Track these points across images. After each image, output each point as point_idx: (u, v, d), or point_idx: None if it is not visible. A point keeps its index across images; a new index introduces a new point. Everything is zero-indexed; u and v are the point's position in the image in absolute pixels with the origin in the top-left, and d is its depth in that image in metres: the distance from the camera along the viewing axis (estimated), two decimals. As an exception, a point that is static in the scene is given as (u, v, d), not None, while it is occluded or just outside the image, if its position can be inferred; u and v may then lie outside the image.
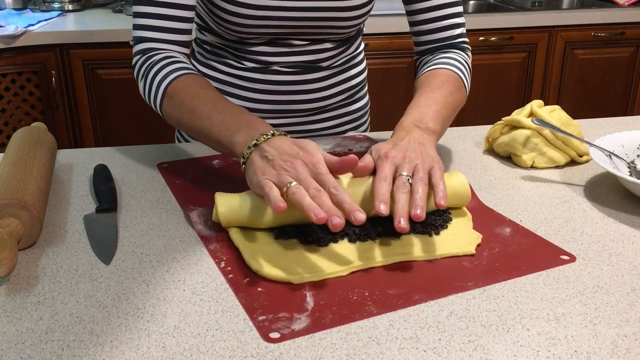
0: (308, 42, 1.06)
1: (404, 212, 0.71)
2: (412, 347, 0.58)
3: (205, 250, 0.75)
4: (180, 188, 0.90)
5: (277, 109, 1.10)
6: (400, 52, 2.40)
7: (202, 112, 0.85)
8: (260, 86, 1.08)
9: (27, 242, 0.74)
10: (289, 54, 1.06)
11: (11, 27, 2.09)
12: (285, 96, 1.09)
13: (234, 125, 0.81)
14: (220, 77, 1.10)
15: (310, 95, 1.10)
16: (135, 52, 0.97)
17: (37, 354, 0.57)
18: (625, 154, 0.96)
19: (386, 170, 0.76)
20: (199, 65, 1.13)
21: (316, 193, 0.69)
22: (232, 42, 1.07)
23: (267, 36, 1.04)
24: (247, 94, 1.09)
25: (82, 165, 0.99)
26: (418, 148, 0.80)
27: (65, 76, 2.23)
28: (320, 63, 1.09)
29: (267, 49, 1.06)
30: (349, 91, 1.16)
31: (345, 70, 1.14)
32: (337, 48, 1.10)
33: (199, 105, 0.86)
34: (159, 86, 0.91)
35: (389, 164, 0.77)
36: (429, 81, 0.96)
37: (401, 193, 0.73)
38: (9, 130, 2.21)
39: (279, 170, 0.72)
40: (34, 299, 0.65)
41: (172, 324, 0.61)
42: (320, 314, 0.63)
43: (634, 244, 0.77)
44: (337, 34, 1.07)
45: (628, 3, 2.64)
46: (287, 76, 1.08)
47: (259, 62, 1.07)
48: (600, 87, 2.66)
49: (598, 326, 0.61)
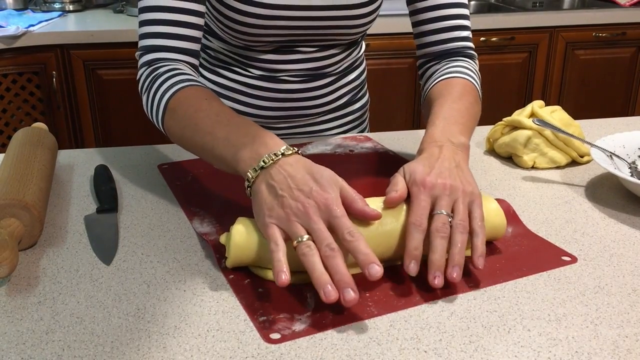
0: (316, 48, 1.05)
1: (440, 264, 0.65)
2: (412, 348, 0.58)
3: (206, 250, 0.74)
4: (181, 189, 0.90)
5: (281, 115, 1.09)
6: (400, 52, 2.40)
7: (204, 126, 0.77)
8: (265, 94, 1.07)
9: (27, 242, 0.74)
10: (296, 62, 1.05)
11: (12, 27, 2.09)
12: (290, 103, 1.08)
13: (239, 140, 0.73)
14: (225, 83, 1.09)
15: (315, 101, 1.10)
16: (140, 64, 0.91)
17: (38, 355, 0.57)
18: (626, 155, 0.96)
19: (422, 207, 0.69)
20: (203, 70, 1.12)
21: (329, 253, 0.62)
22: (238, 48, 1.05)
23: (274, 43, 1.02)
24: (252, 101, 1.08)
25: (83, 166, 0.99)
26: (457, 173, 0.73)
27: (66, 77, 2.23)
28: (325, 69, 1.08)
29: (274, 57, 1.04)
30: (351, 92, 1.16)
31: (348, 73, 1.13)
32: (343, 53, 1.09)
33: (202, 118, 0.79)
34: (161, 99, 0.84)
35: (427, 195, 0.70)
36: (448, 91, 0.91)
37: (440, 238, 0.66)
38: (9, 130, 2.21)
39: (289, 214, 0.65)
40: (34, 300, 0.65)
41: (173, 325, 0.61)
42: (321, 314, 0.63)
43: (635, 245, 0.77)
44: (347, 36, 1.05)
45: (629, 3, 2.64)
46: (293, 85, 1.07)
47: (265, 70, 1.05)
48: (601, 88, 2.66)
49: (599, 327, 0.61)
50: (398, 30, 2.34)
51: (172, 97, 0.83)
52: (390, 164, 0.99)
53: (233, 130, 0.75)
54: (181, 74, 0.86)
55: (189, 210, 0.84)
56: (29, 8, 2.48)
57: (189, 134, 0.80)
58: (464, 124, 0.84)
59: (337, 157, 1.02)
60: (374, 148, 1.06)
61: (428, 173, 0.72)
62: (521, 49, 2.52)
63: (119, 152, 1.05)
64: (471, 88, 0.93)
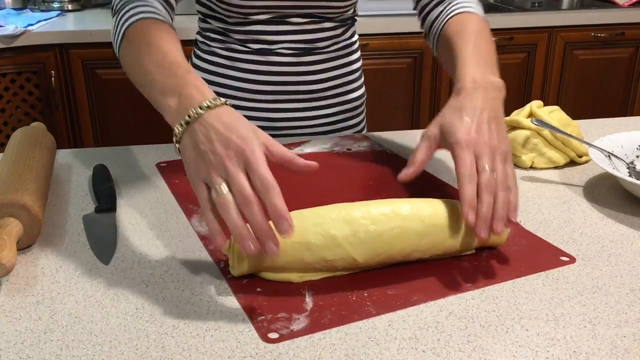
0: (306, 19, 1.09)
1: (487, 217, 0.69)
2: (411, 348, 0.58)
3: (205, 250, 0.75)
4: (180, 187, 0.90)
5: (278, 90, 1.12)
6: (400, 52, 2.40)
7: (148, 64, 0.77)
8: (262, 68, 1.11)
9: (26, 242, 0.74)
10: (289, 33, 1.09)
11: (11, 26, 2.09)
12: (286, 77, 1.12)
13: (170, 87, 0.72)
14: (224, 62, 1.12)
15: (310, 77, 1.13)
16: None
17: (36, 354, 0.57)
18: (624, 155, 0.96)
19: (469, 164, 0.71)
20: (202, 53, 1.15)
21: (242, 200, 0.61)
22: (235, 25, 1.09)
23: (266, 13, 1.06)
24: (250, 76, 1.11)
25: (82, 165, 0.99)
26: (494, 127, 0.75)
27: (65, 76, 2.23)
28: (318, 43, 1.12)
29: (269, 28, 1.08)
30: (345, 77, 1.18)
31: (341, 56, 1.16)
32: (334, 29, 1.13)
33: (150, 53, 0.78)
34: (122, 24, 0.87)
35: (470, 153, 0.72)
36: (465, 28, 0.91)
37: (488, 193, 0.70)
38: (8, 130, 2.21)
39: (209, 167, 0.63)
40: (33, 299, 0.65)
41: (171, 324, 0.61)
42: (319, 314, 0.63)
43: (633, 245, 0.77)
44: (333, 10, 1.09)
45: (628, 3, 2.64)
46: (288, 58, 1.10)
47: (262, 42, 1.09)
48: (599, 88, 2.66)
49: (597, 327, 0.61)
50: (397, 30, 2.34)
51: (132, 26, 0.85)
52: (388, 163, 0.99)
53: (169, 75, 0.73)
54: (149, 6, 0.88)
55: (187, 209, 0.84)
56: (27, 7, 2.47)
57: (136, 68, 0.80)
58: (493, 62, 0.84)
59: (334, 155, 1.02)
60: (372, 147, 1.06)
61: (468, 131, 0.73)
62: (520, 49, 2.52)
63: (118, 151, 1.05)
64: (484, 23, 0.94)
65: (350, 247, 0.66)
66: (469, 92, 0.78)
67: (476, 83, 0.79)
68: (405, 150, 1.05)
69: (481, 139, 0.73)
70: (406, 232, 0.68)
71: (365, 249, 0.67)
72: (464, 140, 0.73)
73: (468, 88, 0.78)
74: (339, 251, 0.66)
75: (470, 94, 0.78)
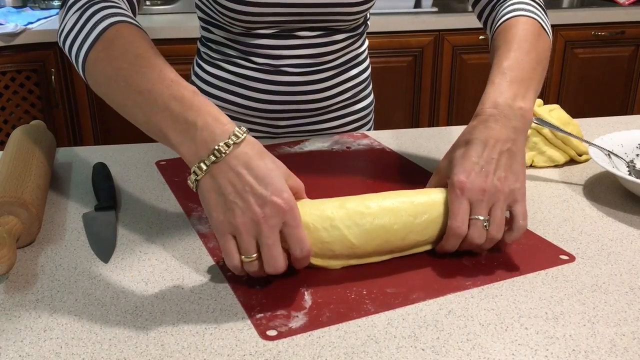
0: (315, 33, 1.04)
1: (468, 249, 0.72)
2: (410, 346, 0.58)
3: (204, 248, 0.75)
4: (179, 186, 0.90)
5: (284, 109, 1.08)
6: (400, 51, 2.40)
7: (141, 86, 0.67)
8: (267, 87, 1.06)
9: (26, 240, 0.74)
10: (297, 47, 1.04)
11: (10, 25, 2.09)
12: (291, 97, 1.07)
13: (176, 113, 0.64)
14: (227, 76, 1.08)
15: (317, 95, 1.09)
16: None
17: (36, 352, 0.57)
18: (624, 153, 0.96)
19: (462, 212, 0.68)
20: (205, 64, 1.11)
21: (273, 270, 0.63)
22: (239, 35, 1.04)
23: (273, 27, 1.02)
24: (254, 94, 1.07)
25: (81, 164, 0.99)
26: (504, 163, 0.70)
27: (65, 74, 2.23)
28: (326, 57, 1.06)
29: (274, 42, 1.03)
30: (353, 89, 1.14)
31: (350, 68, 1.12)
32: (343, 42, 1.07)
33: (143, 65, 0.68)
34: (97, 23, 0.72)
35: (463, 201, 0.68)
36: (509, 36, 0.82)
37: (475, 245, 0.70)
38: (8, 128, 2.21)
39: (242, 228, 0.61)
40: (32, 297, 0.65)
41: (171, 322, 0.61)
42: (318, 312, 0.63)
43: (632, 243, 0.77)
44: (345, 17, 1.03)
45: (628, 2, 2.64)
46: (294, 77, 1.06)
47: (266, 57, 1.04)
48: (600, 87, 2.66)
49: (596, 325, 0.61)
50: (398, 29, 2.34)
51: (110, 29, 0.71)
52: (387, 162, 0.99)
53: (173, 97, 0.64)
54: (119, 7, 0.76)
55: (187, 207, 0.84)
56: (27, 5, 2.47)
57: (121, 83, 0.70)
58: (531, 81, 0.77)
59: (334, 154, 1.02)
60: (371, 145, 1.06)
61: (468, 172, 0.70)
62: (520, 47, 2.51)
63: (118, 149, 1.05)
64: (535, 27, 0.84)
65: (347, 229, 0.67)
66: (484, 119, 0.73)
67: (497, 108, 0.73)
68: (405, 150, 1.05)
69: (480, 182, 0.69)
70: (399, 212, 0.69)
71: (361, 230, 0.68)
72: (458, 185, 0.69)
73: (484, 114, 0.73)
74: (335, 233, 0.67)
75: (485, 122, 0.73)
